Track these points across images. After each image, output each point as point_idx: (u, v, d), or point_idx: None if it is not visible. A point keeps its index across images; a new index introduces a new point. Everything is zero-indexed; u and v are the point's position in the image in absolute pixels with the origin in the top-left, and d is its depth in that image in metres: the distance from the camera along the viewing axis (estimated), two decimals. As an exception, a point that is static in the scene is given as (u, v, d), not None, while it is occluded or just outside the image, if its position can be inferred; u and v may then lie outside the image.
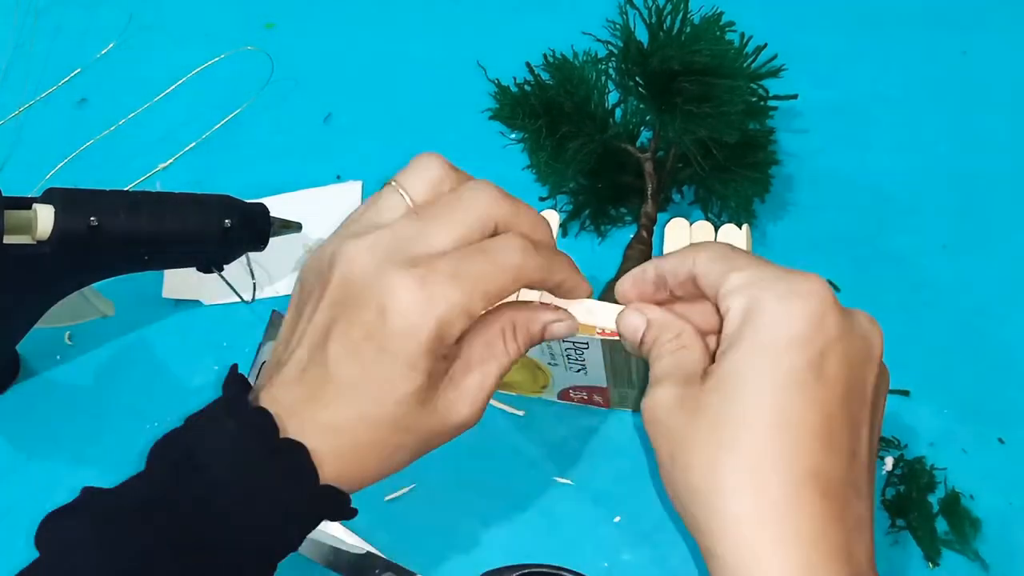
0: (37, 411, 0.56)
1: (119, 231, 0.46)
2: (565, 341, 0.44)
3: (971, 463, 0.50)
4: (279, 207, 0.54)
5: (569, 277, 0.39)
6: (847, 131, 0.62)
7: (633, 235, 0.55)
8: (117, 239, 0.46)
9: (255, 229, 0.51)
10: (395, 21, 0.71)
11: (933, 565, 0.47)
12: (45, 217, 0.44)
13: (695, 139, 0.53)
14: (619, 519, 0.49)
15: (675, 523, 0.49)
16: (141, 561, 0.33)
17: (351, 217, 0.40)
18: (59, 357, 0.57)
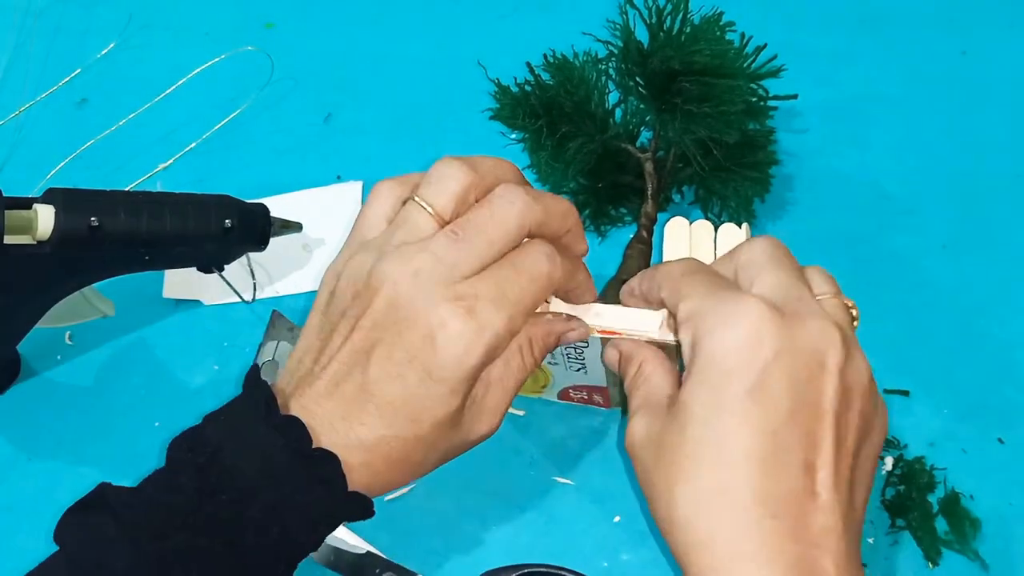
0: (37, 411, 0.56)
1: (119, 231, 0.46)
2: (565, 341, 0.44)
3: (971, 463, 0.50)
4: (279, 207, 0.54)
5: (583, 280, 0.42)
6: (847, 131, 0.62)
7: (633, 235, 0.55)
8: (117, 239, 0.46)
9: (255, 229, 0.52)
10: (395, 21, 0.71)
11: (933, 565, 0.47)
12: (45, 217, 0.44)
13: (695, 139, 0.53)
14: (619, 519, 0.49)
15: (675, 523, 0.49)
16: (173, 563, 0.34)
17: (365, 222, 0.41)
18: (59, 357, 0.57)
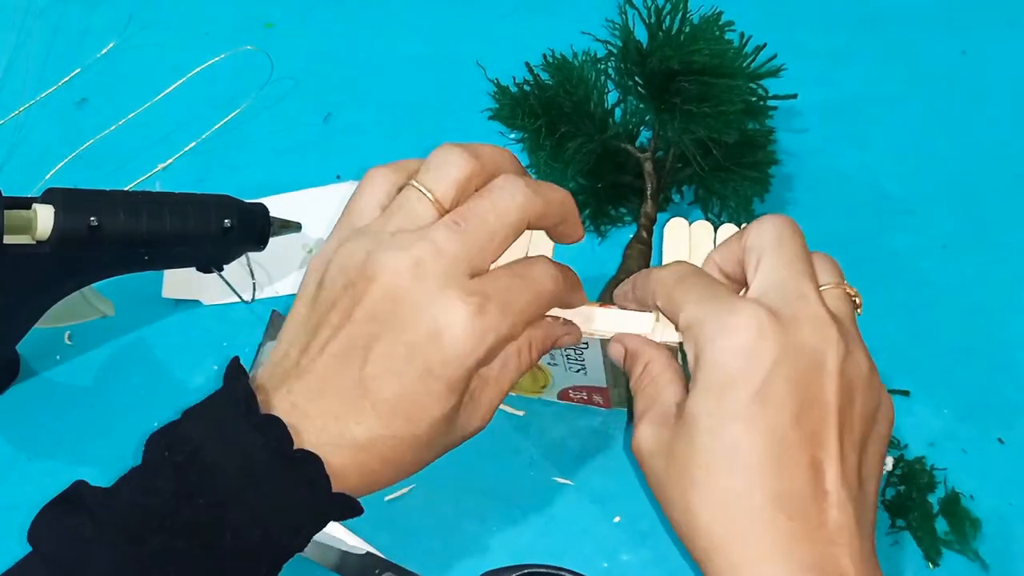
0: (37, 411, 0.56)
1: (119, 231, 0.46)
2: (565, 341, 0.44)
3: (971, 463, 0.50)
4: (279, 207, 0.54)
5: (578, 294, 0.42)
6: (846, 131, 0.62)
7: (633, 235, 0.55)
8: (117, 239, 0.46)
9: (255, 229, 0.51)
10: (395, 21, 0.71)
11: (933, 565, 0.47)
12: (45, 217, 0.44)
13: (694, 139, 0.53)
14: (619, 519, 0.49)
15: (675, 523, 0.49)
16: (151, 567, 0.33)
17: (356, 208, 0.40)
18: (59, 357, 0.57)
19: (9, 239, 0.43)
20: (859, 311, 0.39)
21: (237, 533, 0.34)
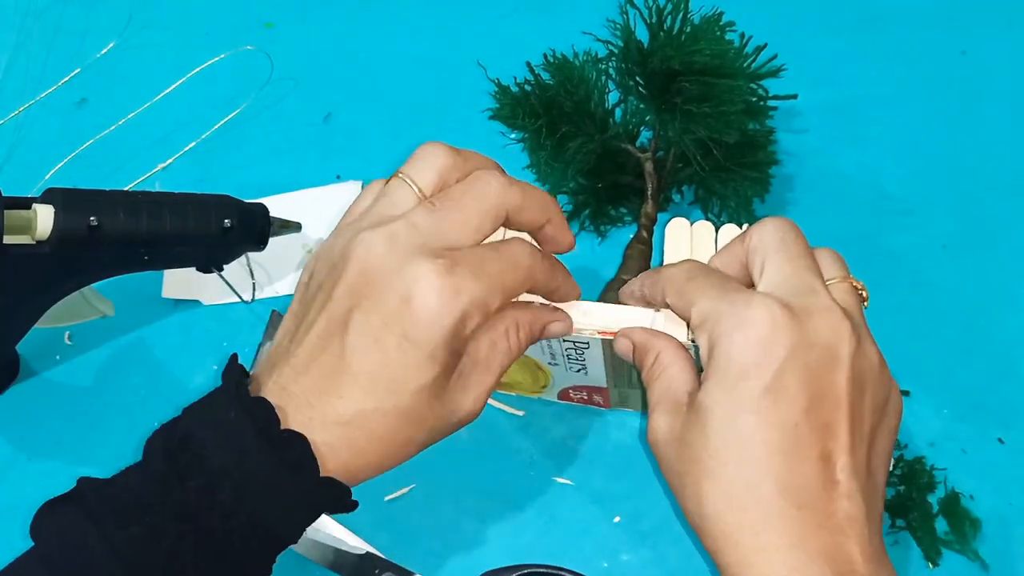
0: (37, 411, 0.56)
1: (119, 231, 0.46)
2: (565, 341, 0.44)
3: (971, 463, 0.50)
4: (279, 207, 0.54)
5: (565, 281, 0.42)
6: (847, 131, 0.62)
7: (633, 235, 0.55)
8: (117, 239, 0.46)
9: (255, 229, 0.51)
10: (395, 21, 0.71)
11: (933, 565, 0.47)
12: (45, 217, 0.44)
13: (695, 139, 0.53)
14: (619, 519, 0.49)
15: (674, 523, 0.49)
16: (140, 551, 0.33)
17: (355, 209, 0.41)
18: (59, 357, 0.57)
19: (9, 239, 0.43)
20: (866, 304, 0.40)
21: (226, 515, 0.34)
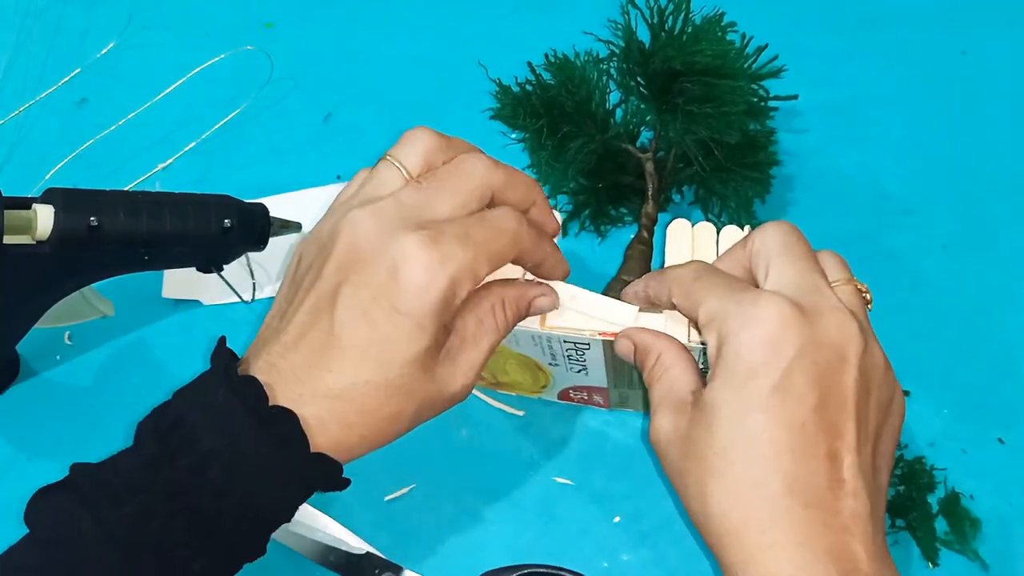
0: (37, 411, 0.56)
1: (119, 231, 0.46)
2: (566, 342, 0.44)
3: (971, 463, 0.50)
4: (279, 207, 0.54)
5: (552, 252, 0.42)
6: (847, 131, 0.62)
7: (634, 235, 0.55)
8: (117, 239, 0.46)
9: (255, 229, 0.51)
10: (395, 21, 0.71)
11: (933, 565, 0.47)
12: (45, 217, 0.44)
13: (696, 139, 0.53)
14: (619, 519, 0.49)
15: (674, 523, 0.49)
16: (132, 530, 0.33)
17: (344, 194, 0.41)
18: (59, 357, 0.57)
19: (9, 239, 0.43)
20: (869, 306, 0.40)
21: (217, 493, 0.34)
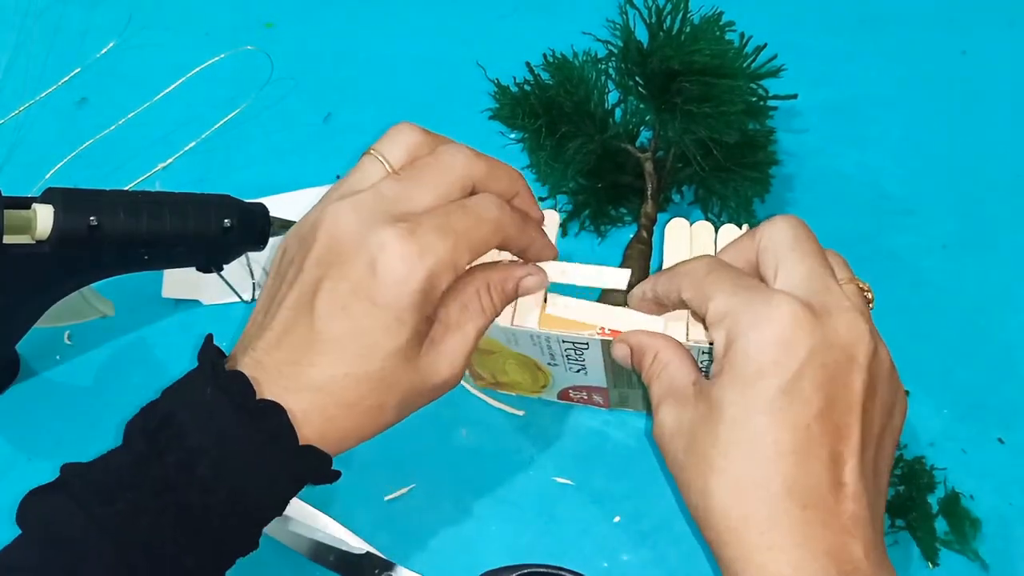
0: (37, 411, 0.56)
1: (119, 231, 0.46)
2: (565, 342, 0.44)
3: (971, 463, 0.50)
4: (279, 207, 0.54)
5: (538, 237, 0.42)
6: (847, 131, 0.62)
7: (633, 235, 0.55)
8: (117, 239, 0.46)
9: (255, 229, 0.51)
10: (395, 21, 0.71)
11: (933, 565, 0.47)
12: (45, 217, 0.44)
13: (695, 139, 0.53)
14: (618, 519, 0.49)
15: (674, 523, 0.49)
16: (122, 527, 0.34)
17: (331, 192, 0.41)
18: (59, 357, 0.57)
19: (9, 239, 0.43)
20: (871, 306, 0.40)
21: (205, 489, 0.34)
